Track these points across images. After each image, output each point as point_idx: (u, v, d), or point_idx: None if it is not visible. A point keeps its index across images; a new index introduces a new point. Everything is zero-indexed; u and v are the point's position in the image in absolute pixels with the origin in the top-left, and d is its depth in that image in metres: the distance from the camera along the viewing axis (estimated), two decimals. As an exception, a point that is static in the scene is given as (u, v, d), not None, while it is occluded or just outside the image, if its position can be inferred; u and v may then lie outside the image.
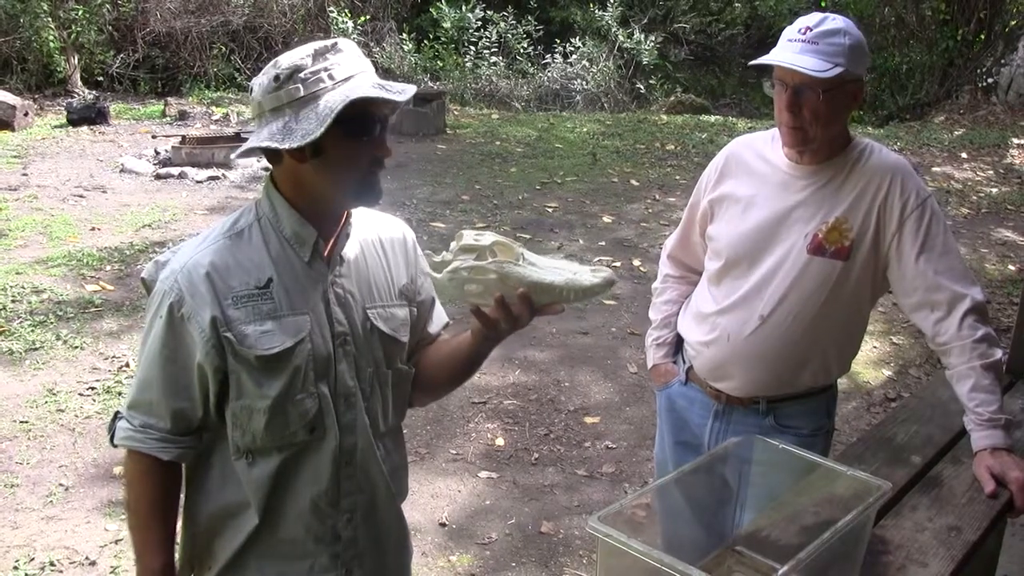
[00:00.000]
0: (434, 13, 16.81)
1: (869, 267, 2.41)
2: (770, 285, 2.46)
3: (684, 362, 2.76)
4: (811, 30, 2.31)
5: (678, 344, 2.82)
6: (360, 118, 1.77)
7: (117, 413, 1.91)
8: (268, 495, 1.90)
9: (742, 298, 2.52)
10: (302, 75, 1.74)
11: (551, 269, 1.79)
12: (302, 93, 1.74)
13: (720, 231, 2.60)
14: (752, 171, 2.56)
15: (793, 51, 2.32)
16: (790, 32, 2.36)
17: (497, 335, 1.88)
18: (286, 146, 1.72)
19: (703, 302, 2.66)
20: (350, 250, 1.95)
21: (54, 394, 5.06)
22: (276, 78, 1.76)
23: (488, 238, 1.80)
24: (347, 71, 1.76)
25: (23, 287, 6.44)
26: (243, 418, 1.84)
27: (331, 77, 1.75)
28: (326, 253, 1.91)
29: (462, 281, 1.77)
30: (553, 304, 1.80)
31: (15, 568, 3.67)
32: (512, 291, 1.76)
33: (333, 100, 1.72)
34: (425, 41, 16.70)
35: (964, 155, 11.86)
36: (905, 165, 2.42)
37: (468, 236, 1.82)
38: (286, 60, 1.77)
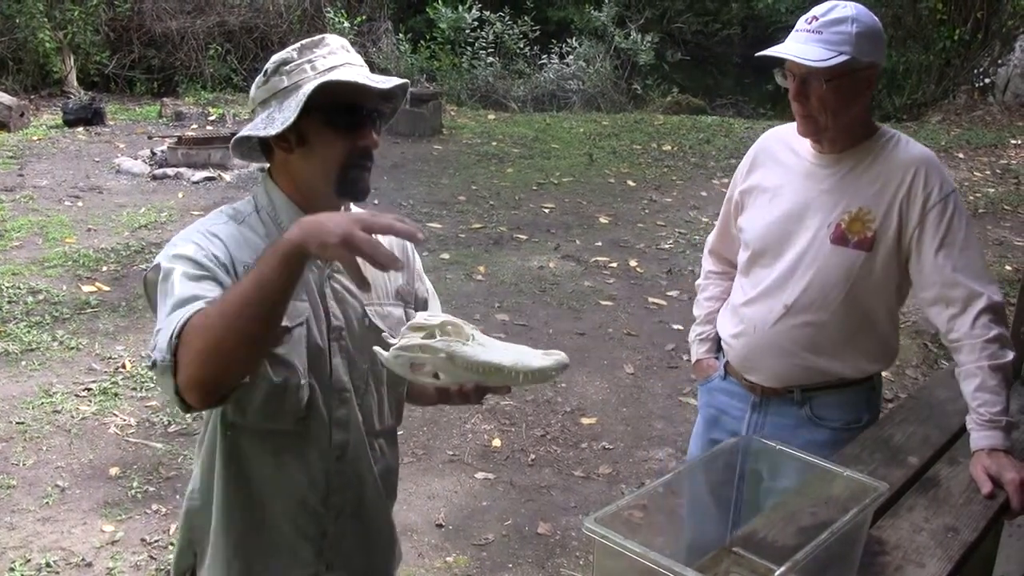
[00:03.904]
0: (430, 13, 16.81)
1: (893, 259, 2.42)
2: (794, 275, 2.49)
3: (723, 356, 2.78)
4: (817, 19, 2.34)
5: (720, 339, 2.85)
6: (341, 106, 1.81)
7: (153, 362, 1.62)
8: (254, 485, 1.91)
9: (767, 288, 2.54)
10: (287, 67, 1.81)
11: (501, 351, 1.78)
12: (285, 84, 1.81)
13: (748, 222, 2.64)
14: (780, 162, 2.60)
15: (798, 41, 2.35)
16: (800, 22, 2.39)
17: (449, 404, 1.90)
18: (266, 133, 1.77)
19: (735, 294, 2.71)
20: None
21: (50, 395, 5.06)
22: (265, 72, 1.83)
23: (438, 318, 1.80)
24: (331, 63, 1.81)
25: (19, 288, 6.43)
26: (244, 388, 1.81)
27: (313, 68, 1.80)
28: None
29: (408, 359, 1.77)
30: (500, 386, 1.80)
31: (11, 570, 3.66)
32: (460, 370, 1.75)
33: (311, 87, 1.75)
34: (421, 42, 16.68)
35: (961, 155, 11.87)
36: (931, 158, 2.42)
37: (420, 316, 1.83)
38: (276, 56, 1.84)
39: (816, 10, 2.37)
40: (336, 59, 1.82)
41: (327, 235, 1.47)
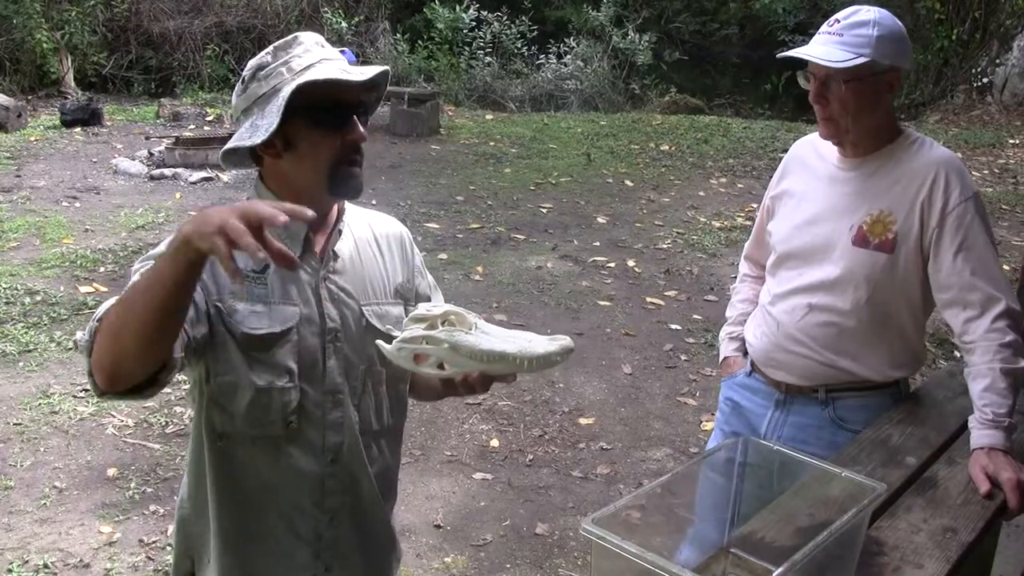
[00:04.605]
0: (428, 13, 16.81)
1: (914, 261, 2.43)
2: (818, 276, 2.51)
3: (750, 355, 2.80)
4: (839, 22, 2.37)
5: None
6: (322, 106, 1.78)
7: (74, 342, 1.72)
8: (247, 490, 1.91)
9: (792, 289, 2.57)
10: (263, 72, 1.79)
11: (504, 338, 1.78)
12: (264, 90, 1.78)
13: (776, 226, 2.68)
14: (808, 167, 2.63)
15: (819, 43, 2.38)
16: (823, 26, 2.42)
17: (455, 395, 1.89)
18: (251, 143, 1.76)
19: (762, 296, 2.75)
20: (344, 247, 1.96)
21: (48, 396, 5.05)
22: (243, 80, 1.81)
23: (440, 308, 1.80)
24: (307, 61, 1.78)
25: (17, 289, 6.42)
26: (227, 394, 1.83)
27: (289, 69, 1.77)
28: (318, 249, 1.91)
29: (412, 351, 1.77)
30: (506, 374, 1.80)
31: (9, 571, 3.65)
32: (464, 359, 1.75)
33: (289, 90, 1.73)
34: (419, 42, 16.69)
35: (959, 155, 11.83)
36: (953, 161, 2.44)
37: (422, 307, 1.83)
38: (251, 62, 1.82)
39: (839, 14, 2.40)
40: (312, 57, 1.79)
41: (206, 225, 1.44)
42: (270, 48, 1.81)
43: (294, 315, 1.85)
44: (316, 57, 1.80)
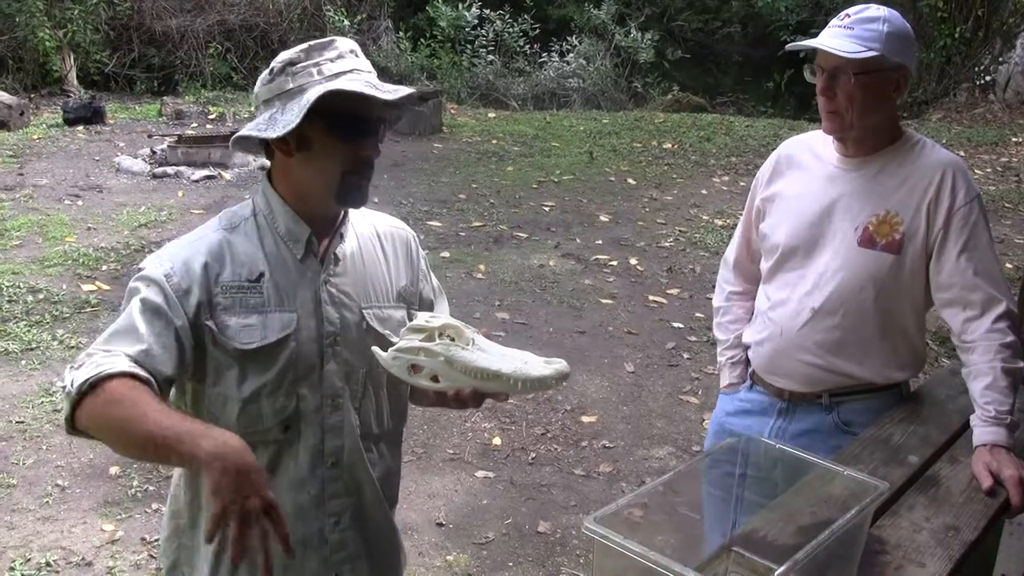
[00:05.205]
0: (430, 12, 16.81)
1: (920, 262, 2.42)
2: (822, 278, 2.49)
3: (749, 366, 2.76)
4: (850, 16, 2.37)
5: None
6: (346, 115, 1.78)
7: (64, 387, 1.71)
8: None
9: (793, 292, 2.55)
10: (293, 68, 1.79)
11: (501, 357, 1.78)
12: (290, 86, 1.78)
13: (771, 228, 2.64)
14: (803, 167, 2.60)
15: (829, 35, 2.38)
16: (833, 20, 2.42)
17: (447, 408, 1.90)
18: (267, 135, 1.76)
19: (759, 302, 2.70)
20: (346, 249, 1.95)
21: (50, 394, 5.05)
22: (271, 71, 1.81)
23: (439, 320, 1.81)
24: (338, 68, 1.78)
25: (19, 287, 6.43)
26: (217, 405, 1.84)
27: (320, 72, 1.77)
28: (320, 251, 1.91)
29: (407, 361, 1.78)
30: (499, 393, 1.80)
31: (11, 569, 3.66)
32: (458, 375, 1.76)
33: (316, 93, 1.73)
34: (422, 40, 16.69)
35: (962, 153, 11.86)
36: (957, 162, 2.44)
37: (420, 318, 1.84)
38: (283, 55, 1.82)
39: (849, 10, 2.40)
40: (344, 64, 1.79)
41: (229, 483, 1.53)
42: (304, 45, 1.81)
43: (291, 321, 1.84)
44: (348, 66, 1.79)
